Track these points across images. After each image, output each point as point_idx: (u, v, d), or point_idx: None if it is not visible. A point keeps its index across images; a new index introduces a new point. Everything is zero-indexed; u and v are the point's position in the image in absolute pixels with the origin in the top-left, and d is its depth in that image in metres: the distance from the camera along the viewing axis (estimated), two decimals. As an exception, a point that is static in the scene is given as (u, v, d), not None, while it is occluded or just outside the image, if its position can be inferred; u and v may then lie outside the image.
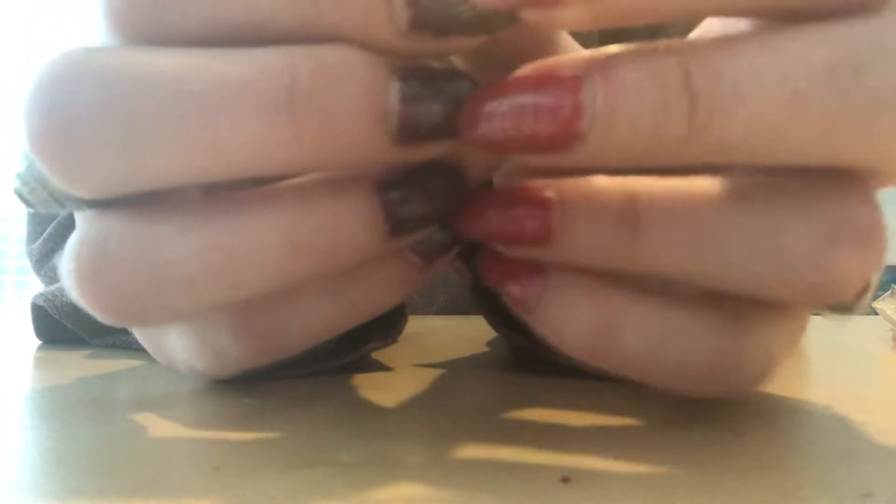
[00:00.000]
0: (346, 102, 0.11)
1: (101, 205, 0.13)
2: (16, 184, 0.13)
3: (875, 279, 0.13)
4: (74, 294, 0.12)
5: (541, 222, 0.12)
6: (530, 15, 0.10)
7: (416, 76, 0.11)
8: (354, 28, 0.11)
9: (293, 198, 0.12)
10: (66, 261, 0.12)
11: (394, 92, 0.11)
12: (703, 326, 0.13)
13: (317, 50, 0.11)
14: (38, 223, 0.37)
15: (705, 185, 0.12)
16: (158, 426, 0.14)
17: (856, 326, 0.43)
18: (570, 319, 0.13)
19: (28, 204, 0.13)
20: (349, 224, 0.12)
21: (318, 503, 0.09)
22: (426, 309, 0.45)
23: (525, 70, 0.11)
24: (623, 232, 0.12)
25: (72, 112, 0.11)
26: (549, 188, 0.12)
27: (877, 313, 0.38)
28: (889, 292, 0.38)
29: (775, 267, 0.11)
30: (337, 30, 0.11)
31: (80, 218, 0.14)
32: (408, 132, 0.11)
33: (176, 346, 0.16)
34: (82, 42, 0.12)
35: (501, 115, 0.11)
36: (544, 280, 0.13)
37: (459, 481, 0.10)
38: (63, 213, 0.14)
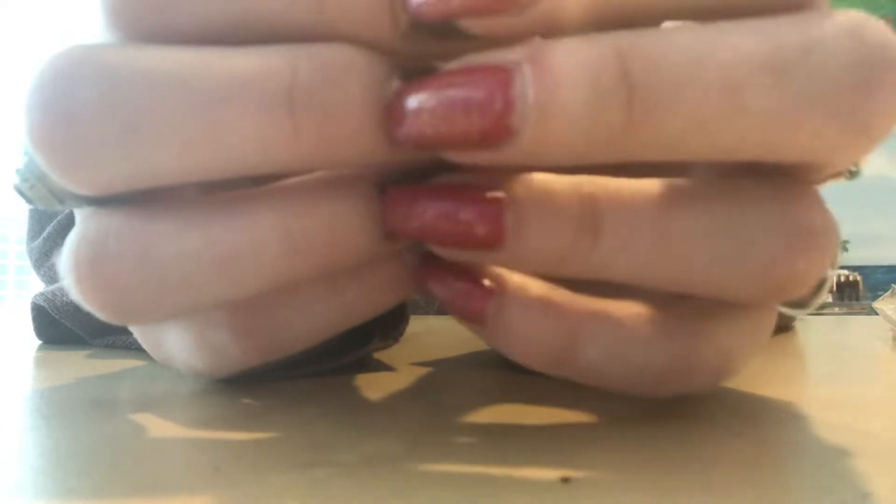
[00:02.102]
0: (345, 101, 0.11)
1: (101, 202, 0.13)
2: (15, 180, 0.13)
3: (830, 275, 0.13)
4: (74, 291, 0.12)
5: (492, 224, 0.11)
6: (469, 23, 0.10)
7: (417, 77, 0.11)
8: (355, 28, 0.11)
9: (292, 196, 0.12)
10: (65, 258, 0.12)
11: (392, 92, 0.11)
12: (661, 331, 0.13)
13: (318, 49, 0.11)
14: (38, 221, 0.37)
15: (662, 187, 0.12)
16: (158, 426, 0.14)
17: (856, 326, 0.43)
18: (528, 336, 0.13)
19: (27, 200, 0.13)
20: (347, 224, 0.12)
21: (318, 503, 0.09)
22: (426, 308, 0.45)
23: (455, 63, 0.11)
24: (582, 235, 0.11)
25: (73, 108, 0.11)
26: (499, 186, 0.11)
27: (877, 313, 0.38)
28: (889, 292, 0.38)
29: (738, 270, 0.12)
30: (337, 29, 0.11)
31: (80, 215, 0.14)
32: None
33: (174, 345, 0.16)
34: (82, 39, 0.12)
35: (430, 110, 0.10)
36: (499, 296, 0.13)
37: (459, 481, 0.10)
38: (62, 210, 0.14)
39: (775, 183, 0.12)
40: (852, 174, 0.15)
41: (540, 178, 0.12)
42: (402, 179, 0.12)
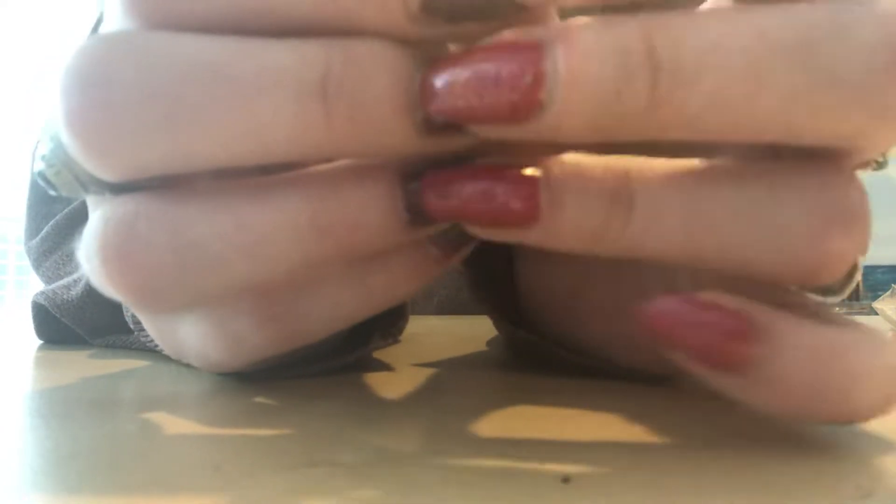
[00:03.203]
0: (374, 92, 0.11)
1: (125, 189, 0.13)
2: (40, 166, 0.13)
3: (861, 261, 0.13)
4: (98, 275, 0.12)
5: (527, 200, 0.12)
6: None
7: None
8: (367, 14, 0.11)
9: (319, 182, 0.12)
10: (88, 242, 0.12)
11: (419, 84, 0.11)
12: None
13: (350, 42, 0.11)
14: (35, 220, 0.37)
15: (697, 165, 0.12)
16: (159, 426, 0.14)
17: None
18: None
19: (52, 187, 0.13)
20: (371, 211, 0.12)
21: (318, 503, 0.09)
22: (426, 303, 0.45)
23: (486, 40, 0.11)
24: (616, 212, 0.11)
25: (114, 91, 0.11)
26: (533, 165, 0.12)
27: (877, 313, 0.38)
28: (889, 292, 0.38)
29: (773, 249, 0.11)
30: (350, 16, 0.11)
31: (99, 202, 0.14)
32: (434, 125, 0.11)
33: (190, 335, 0.16)
34: (82, 34, 0.12)
35: (462, 83, 0.11)
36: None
37: (459, 481, 0.10)
38: (85, 197, 0.14)
39: (812, 163, 0.12)
40: (879, 165, 0.15)
41: (573, 156, 0.12)
42: (424, 167, 0.12)
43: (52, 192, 0.14)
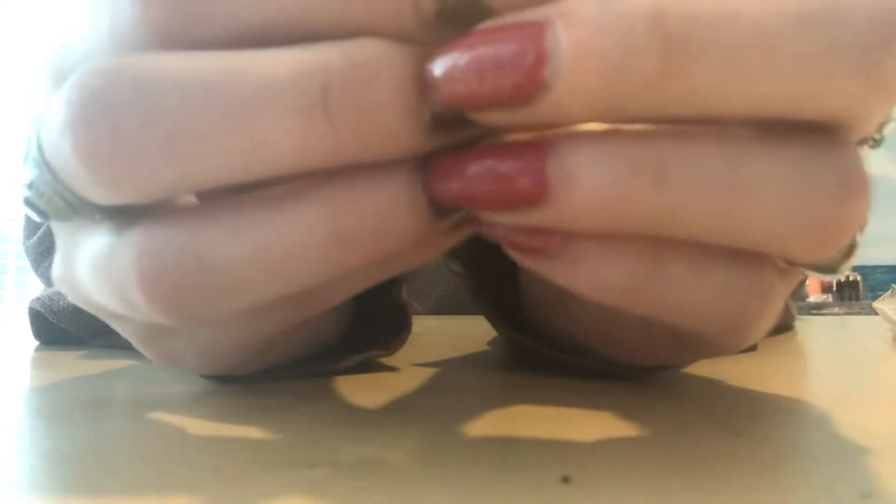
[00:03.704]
0: (378, 97, 0.11)
1: (117, 213, 0.13)
2: (27, 193, 0.13)
3: (859, 239, 0.13)
4: (137, 302, 0.13)
5: (534, 174, 0.11)
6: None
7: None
8: (380, 21, 0.11)
9: (334, 189, 0.12)
10: (123, 273, 0.13)
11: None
12: (736, 270, 0.12)
13: (347, 46, 0.11)
14: (32, 219, 0.37)
15: (721, 133, 0.11)
16: (158, 426, 0.14)
17: (856, 326, 0.43)
18: (604, 264, 0.12)
19: (41, 214, 0.13)
20: (393, 211, 0.12)
21: (318, 503, 0.09)
22: (425, 299, 0.45)
23: (484, 24, 0.11)
24: (641, 182, 0.11)
25: (116, 122, 0.11)
26: (540, 139, 0.11)
27: (877, 313, 0.38)
28: (889, 292, 0.38)
29: (800, 220, 0.11)
30: (363, 23, 0.11)
31: (83, 226, 0.14)
32: (441, 121, 0.11)
33: (181, 341, 0.16)
34: (110, 52, 0.12)
35: (461, 68, 0.10)
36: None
37: (459, 481, 0.10)
38: (76, 221, 0.14)
39: (819, 133, 0.12)
40: (876, 142, 0.15)
41: (586, 126, 0.11)
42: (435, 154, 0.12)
43: (39, 219, 0.14)
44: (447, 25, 0.11)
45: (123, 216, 0.13)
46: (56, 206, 0.13)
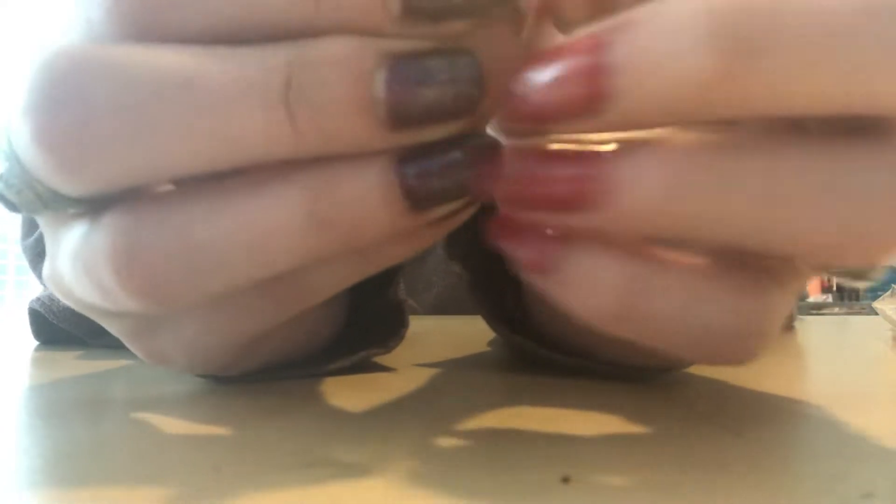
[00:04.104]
0: (332, 95, 0.11)
1: (87, 204, 0.13)
2: None
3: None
4: (108, 286, 0.13)
5: (592, 180, 0.11)
6: None
7: (405, 62, 0.11)
8: (349, 18, 0.11)
9: (313, 174, 0.12)
10: (91, 256, 0.12)
11: (379, 81, 0.11)
12: (734, 287, 0.12)
13: (308, 45, 0.11)
14: (28, 218, 0.37)
15: (778, 138, 0.11)
16: (158, 426, 0.14)
17: (856, 326, 0.43)
18: (594, 284, 0.12)
19: (11, 207, 0.13)
20: (366, 200, 0.12)
21: (318, 503, 0.09)
22: (424, 295, 0.45)
23: (551, 45, 0.11)
24: (697, 188, 0.11)
25: (86, 107, 0.11)
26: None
27: (877, 313, 0.38)
28: (889, 292, 0.38)
29: (857, 228, 0.11)
30: (333, 22, 0.11)
31: (57, 218, 0.14)
32: (399, 119, 0.11)
33: (183, 327, 0.16)
34: (65, 38, 0.12)
35: (532, 90, 0.11)
36: (565, 242, 0.12)
37: (460, 481, 0.10)
38: (46, 214, 0.14)
39: (877, 136, 0.11)
40: None
41: (650, 132, 0.11)
42: (420, 149, 0.12)
43: (12, 212, 0.14)
44: (416, 19, 0.11)
45: (96, 207, 0.13)
46: (26, 199, 0.13)
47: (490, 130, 0.13)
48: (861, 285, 0.14)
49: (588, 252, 0.12)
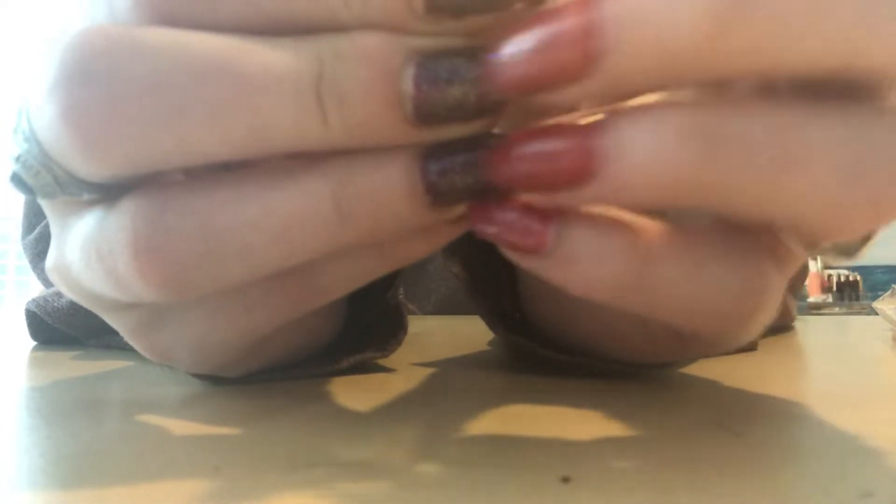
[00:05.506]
0: (361, 89, 0.11)
1: (104, 190, 0.13)
2: (15, 166, 0.13)
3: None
4: (127, 270, 0.12)
5: (580, 153, 0.11)
6: None
7: (432, 60, 0.11)
8: (375, 14, 0.11)
9: (339, 164, 0.12)
10: (110, 239, 0.12)
11: (407, 77, 0.11)
12: (739, 254, 0.12)
13: (339, 39, 0.11)
14: (28, 216, 0.37)
15: (773, 100, 0.11)
16: (158, 426, 0.14)
17: (856, 326, 0.43)
18: (596, 259, 0.12)
19: (27, 189, 0.13)
20: (391, 193, 0.12)
21: (318, 503, 0.09)
22: (425, 300, 0.45)
23: (537, 9, 0.11)
24: (692, 152, 0.10)
25: (118, 85, 0.11)
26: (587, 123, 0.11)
27: (877, 313, 0.38)
28: (889, 292, 0.38)
29: (853, 193, 0.11)
30: (360, 17, 0.11)
31: (72, 204, 0.13)
32: (425, 115, 0.11)
33: (190, 324, 0.16)
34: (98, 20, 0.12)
35: (517, 53, 0.11)
36: (560, 219, 0.12)
37: (460, 481, 0.10)
38: (60, 200, 0.14)
39: (873, 101, 0.11)
40: None
41: (641, 99, 0.11)
42: (443, 146, 0.12)
43: (26, 195, 0.13)
44: (439, 16, 0.11)
45: (112, 194, 0.13)
46: (43, 181, 0.13)
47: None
48: (847, 262, 0.14)
49: (587, 225, 0.12)
